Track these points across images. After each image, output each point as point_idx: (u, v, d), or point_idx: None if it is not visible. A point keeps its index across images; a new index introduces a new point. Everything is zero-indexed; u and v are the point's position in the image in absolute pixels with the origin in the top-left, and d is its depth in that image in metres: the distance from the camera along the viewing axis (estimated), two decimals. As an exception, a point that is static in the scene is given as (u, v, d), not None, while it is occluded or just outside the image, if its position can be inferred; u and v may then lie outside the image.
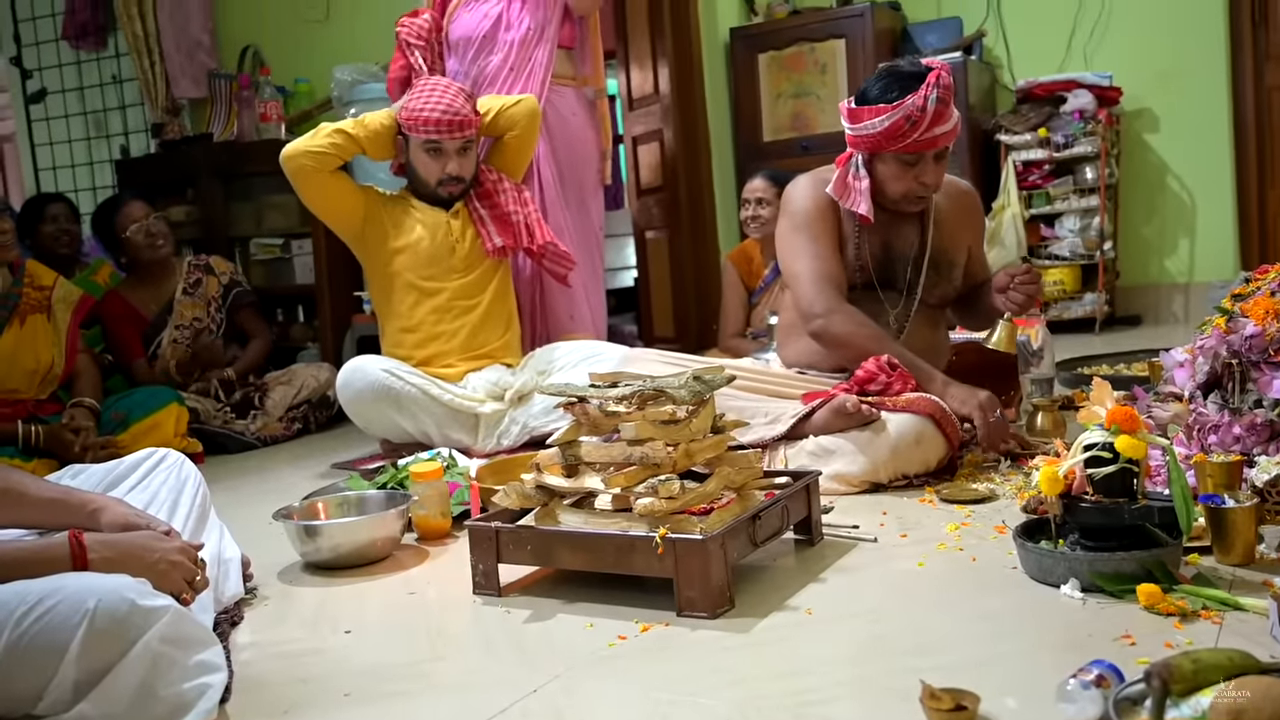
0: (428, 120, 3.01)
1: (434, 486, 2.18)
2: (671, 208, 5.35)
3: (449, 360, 3.06)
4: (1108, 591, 1.51)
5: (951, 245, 2.56)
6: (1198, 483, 1.78)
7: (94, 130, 5.00)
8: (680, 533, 1.61)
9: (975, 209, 2.69)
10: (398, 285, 3.10)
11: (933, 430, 2.22)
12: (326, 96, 4.18)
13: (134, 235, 3.66)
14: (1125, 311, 4.95)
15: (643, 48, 5.45)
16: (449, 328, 3.08)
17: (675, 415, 1.69)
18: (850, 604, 1.62)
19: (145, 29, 4.50)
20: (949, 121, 2.36)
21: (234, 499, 2.74)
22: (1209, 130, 4.85)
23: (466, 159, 3.11)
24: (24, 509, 1.56)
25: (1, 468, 1.64)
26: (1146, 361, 3.27)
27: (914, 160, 2.40)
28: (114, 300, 3.70)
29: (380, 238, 3.12)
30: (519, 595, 1.78)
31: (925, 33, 5.19)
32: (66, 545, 1.39)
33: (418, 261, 3.09)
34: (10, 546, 1.42)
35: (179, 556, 1.48)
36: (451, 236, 3.12)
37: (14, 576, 1.30)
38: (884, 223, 2.50)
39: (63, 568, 1.36)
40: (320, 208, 3.13)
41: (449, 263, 3.11)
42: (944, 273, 2.56)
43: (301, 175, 3.02)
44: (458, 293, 3.11)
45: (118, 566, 1.38)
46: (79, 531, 1.42)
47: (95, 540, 1.42)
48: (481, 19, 3.36)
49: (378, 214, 3.12)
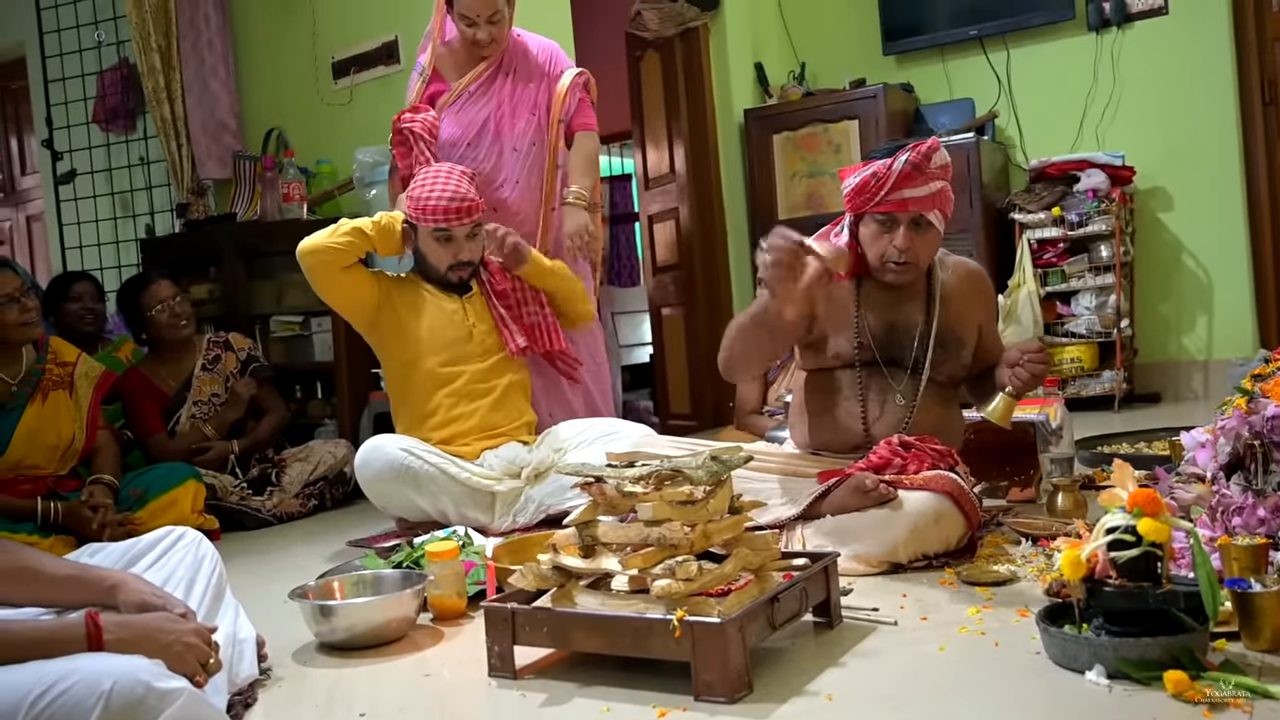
0: (435, 209, 3.02)
1: (449, 566, 2.17)
2: (687, 285, 5.39)
3: (466, 440, 3.06)
4: (1134, 678, 1.48)
5: (959, 323, 2.54)
6: (1223, 566, 1.75)
7: (121, 210, 5.09)
8: (698, 615, 1.59)
9: (985, 288, 2.67)
10: (414, 370, 3.10)
11: (951, 508, 2.20)
12: (348, 177, 4.25)
13: (158, 315, 3.70)
14: (1144, 389, 4.93)
15: (658, 128, 5.55)
16: (465, 410, 3.08)
17: (693, 496, 1.68)
18: (871, 689, 1.59)
19: (173, 112, 4.60)
20: (921, 188, 2.37)
21: (249, 577, 2.73)
22: (1223, 208, 4.87)
23: (475, 243, 3.12)
24: (41, 587, 1.56)
25: (18, 546, 1.64)
26: (1167, 440, 3.24)
27: (887, 222, 2.43)
28: (135, 376, 3.73)
29: (395, 324, 3.11)
30: (535, 678, 1.76)
31: (938, 114, 5.27)
32: (83, 625, 1.39)
33: (434, 347, 3.09)
34: (27, 626, 1.42)
35: (194, 639, 1.47)
36: (468, 323, 3.13)
37: (30, 656, 1.30)
38: (887, 300, 2.51)
39: (78, 648, 1.35)
40: (335, 299, 3.11)
41: (465, 349, 3.11)
42: (952, 351, 2.53)
43: (319, 269, 3.02)
44: (475, 377, 3.11)
45: (133, 648, 1.38)
46: (95, 612, 1.42)
47: (111, 621, 1.42)
48: (467, 126, 3.40)
49: (391, 300, 3.12)
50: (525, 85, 3.41)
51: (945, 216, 2.45)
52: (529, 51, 3.46)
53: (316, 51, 4.47)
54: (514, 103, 3.39)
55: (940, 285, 2.54)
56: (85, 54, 5.05)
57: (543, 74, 3.44)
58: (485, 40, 3.34)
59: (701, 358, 5.25)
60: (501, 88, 3.41)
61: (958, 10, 5.29)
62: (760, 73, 5.53)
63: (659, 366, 5.63)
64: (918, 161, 2.35)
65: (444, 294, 3.16)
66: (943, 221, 2.45)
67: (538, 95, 3.42)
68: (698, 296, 5.30)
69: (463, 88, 3.40)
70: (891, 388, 2.50)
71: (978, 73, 5.31)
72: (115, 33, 4.93)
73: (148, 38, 4.53)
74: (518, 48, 3.46)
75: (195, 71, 4.64)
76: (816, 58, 5.63)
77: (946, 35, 5.32)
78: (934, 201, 2.39)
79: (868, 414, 2.50)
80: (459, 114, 3.40)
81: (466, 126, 3.39)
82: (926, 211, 2.39)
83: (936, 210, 2.41)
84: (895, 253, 2.43)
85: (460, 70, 3.44)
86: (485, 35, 3.33)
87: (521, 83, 3.41)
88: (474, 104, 3.40)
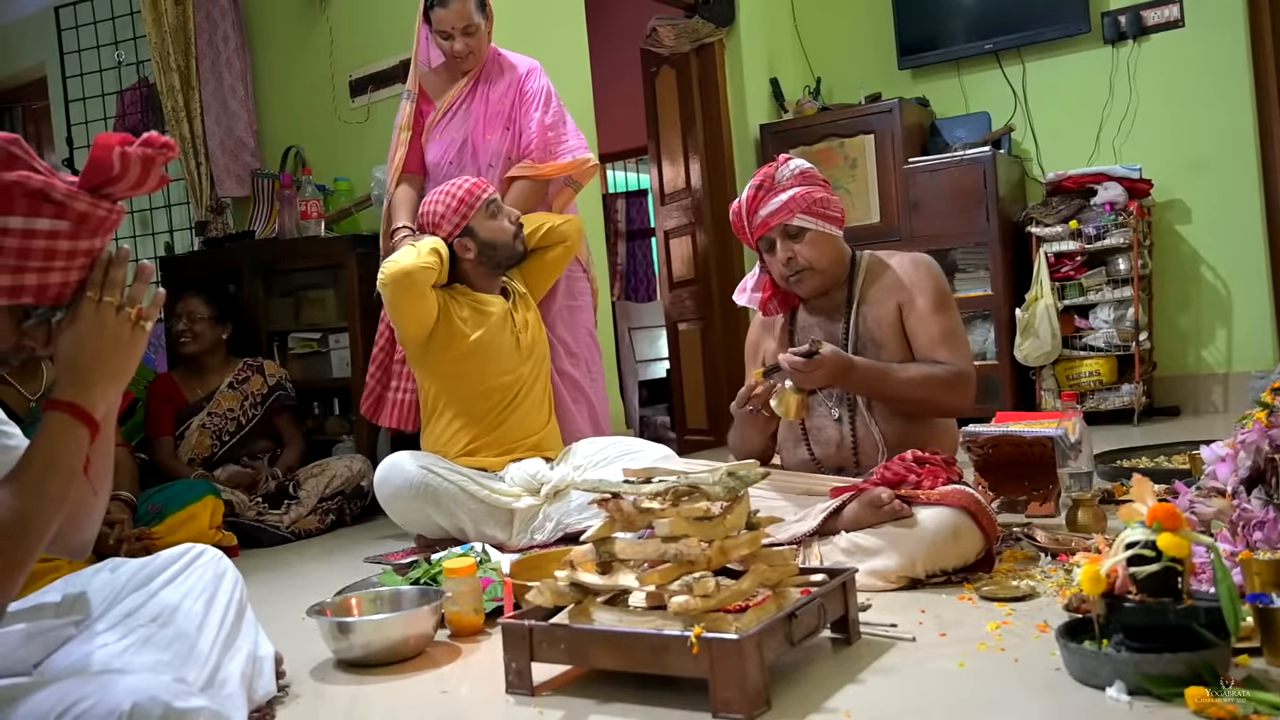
0: (467, 193, 3.08)
1: (467, 582, 2.17)
2: (704, 300, 5.40)
3: (494, 450, 3.07)
4: (1155, 695, 1.47)
5: (876, 325, 2.49)
6: (1244, 581, 1.74)
7: (140, 228, 5.13)
8: (715, 631, 1.59)
9: (906, 280, 2.49)
10: (461, 378, 3.09)
11: (969, 523, 2.19)
12: (366, 195, 4.27)
13: (173, 324, 3.87)
14: (1163, 402, 4.90)
15: (674, 143, 5.57)
16: (501, 417, 3.10)
17: (710, 512, 1.68)
18: (890, 706, 1.59)
19: (192, 131, 4.64)
20: (773, 202, 2.46)
21: (267, 594, 2.74)
22: (1242, 220, 4.85)
23: (475, 39, 3.28)
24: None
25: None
26: (1187, 454, 3.22)
27: (766, 244, 2.52)
28: (164, 380, 3.90)
29: (448, 334, 3.08)
30: (552, 695, 1.76)
31: (954, 127, 5.26)
32: (72, 421, 1.32)
33: (485, 353, 3.09)
34: (32, 452, 1.34)
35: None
36: (515, 327, 3.15)
37: (58, 473, 1.28)
38: (817, 321, 2.57)
39: (82, 435, 1.32)
40: (410, 320, 3.04)
41: (516, 354, 3.14)
42: (874, 356, 2.45)
43: (411, 293, 2.97)
44: (516, 381, 3.13)
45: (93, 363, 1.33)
46: (59, 401, 1.33)
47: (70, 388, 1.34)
48: (448, 145, 3.44)
49: (448, 311, 3.10)
50: (500, 100, 3.44)
51: (820, 215, 2.47)
52: (506, 67, 3.50)
53: (334, 70, 4.50)
54: (489, 118, 3.42)
55: (857, 291, 2.54)
56: (105, 74, 5.11)
57: (517, 89, 3.46)
58: (463, 52, 3.39)
59: (718, 373, 5.25)
60: (479, 104, 3.43)
61: (973, 24, 5.29)
62: (776, 88, 5.54)
63: (675, 381, 5.63)
64: (760, 183, 2.48)
65: (492, 299, 3.16)
66: (821, 220, 2.47)
67: (511, 110, 3.44)
68: (714, 311, 5.30)
69: (445, 106, 3.46)
70: (825, 405, 2.52)
71: (994, 86, 5.31)
72: (135, 53, 4.99)
73: (167, 57, 4.57)
74: (494, 65, 3.49)
75: (214, 91, 4.68)
76: (832, 72, 5.64)
77: (962, 49, 5.33)
78: (790, 207, 2.45)
79: (808, 435, 2.55)
80: (442, 135, 3.46)
81: (448, 146, 3.43)
82: (788, 220, 2.45)
83: (800, 213, 2.45)
84: (782, 266, 2.50)
85: (443, 90, 3.49)
86: (462, 47, 3.37)
87: (496, 97, 3.44)
88: (454, 122, 3.45)
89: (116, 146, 1.25)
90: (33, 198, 1.22)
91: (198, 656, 1.56)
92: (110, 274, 1.36)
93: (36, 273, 1.26)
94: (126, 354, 1.37)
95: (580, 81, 4.40)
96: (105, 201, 1.27)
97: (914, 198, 5.02)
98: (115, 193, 1.28)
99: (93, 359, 1.34)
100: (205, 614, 1.69)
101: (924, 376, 2.41)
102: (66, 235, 1.26)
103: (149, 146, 1.28)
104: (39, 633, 1.51)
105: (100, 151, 1.24)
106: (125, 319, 1.36)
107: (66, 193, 1.24)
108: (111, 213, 1.29)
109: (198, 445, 3.78)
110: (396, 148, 3.53)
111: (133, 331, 1.37)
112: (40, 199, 1.22)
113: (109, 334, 1.35)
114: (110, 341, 1.35)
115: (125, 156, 1.25)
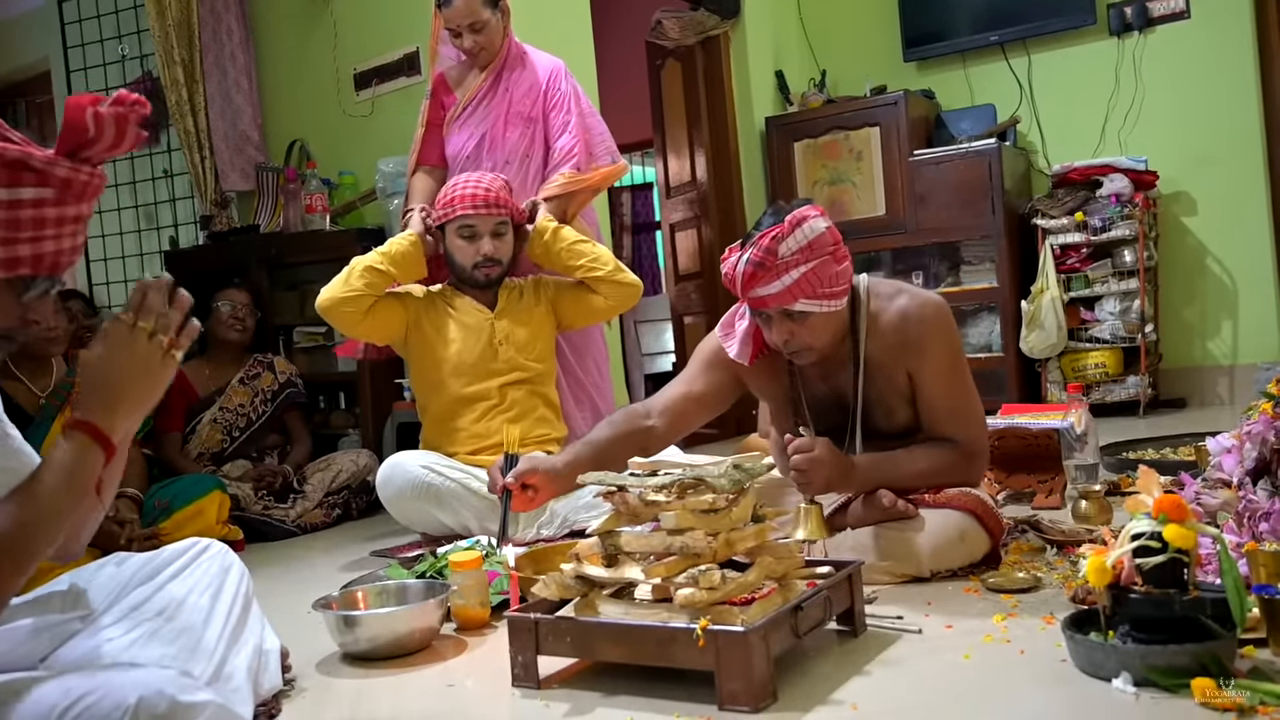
0: (458, 199, 3.05)
1: (473, 576, 2.17)
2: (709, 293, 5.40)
3: (493, 451, 3.06)
4: (1161, 686, 1.47)
5: (887, 388, 2.26)
6: (1250, 572, 1.74)
7: (145, 223, 5.14)
8: (722, 624, 1.59)
9: (915, 337, 2.23)
10: (440, 388, 3.10)
11: (975, 526, 2.18)
12: (370, 188, 4.27)
13: (222, 308, 3.87)
14: (1169, 394, 4.90)
15: (679, 136, 5.56)
16: (490, 425, 3.08)
17: (715, 504, 1.68)
18: (896, 698, 1.59)
19: (197, 125, 4.64)
20: (774, 284, 2.09)
21: (273, 587, 2.74)
22: (1247, 212, 4.84)
23: (502, 243, 3.12)
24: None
25: None
26: (1192, 446, 3.22)
27: (762, 316, 2.19)
28: (177, 373, 3.80)
29: (423, 343, 3.11)
30: (558, 688, 1.76)
31: (959, 120, 5.26)
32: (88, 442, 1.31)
33: (461, 368, 3.09)
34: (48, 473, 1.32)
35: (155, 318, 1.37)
36: (495, 339, 3.12)
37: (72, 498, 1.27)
38: (820, 370, 2.31)
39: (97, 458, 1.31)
40: (365, 334, 3.13)
41: (492, 366, 3.10)
42: (884, 417, 2.29)
43: (342, 321, 3.05)
44: (500, 394, 3.10)
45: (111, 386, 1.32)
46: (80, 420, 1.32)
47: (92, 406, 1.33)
48: (467, 139, 3.42)
49: (420, 324, 3.11)
50: (523, 98, 3.42)
51: (825, 296, 2.13)
52: (529, 66, 3.47)
53: (338, 64, 4.50)
54: (510, 115, 3.41)
55: (862, 348, 2.26)
56: (109, 68, 5.12)
57: (539, 90, 3.43)
58: (473, 49, 3.36)
59: (723, 366, 5.24)
60: (499, 102, 3.42)
61: (979, 16, 5.28)
62: (781, 80, 5.53)
63: (680, 375, 5.63)
64: (760, 259, 2.07)
65: (474, 309, 3.15)
66: (826, 300, 2.13)
67: (532, 110, 3.42)
68: (720, 304, 5.29)
69: (465, 101, 3.44)
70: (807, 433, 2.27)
71: (999, 78, 5.30)
72: (139, 47, 4.99)
73: (171, 51, 4.58)
74: (517, 61, 3.47)
75: (218, 84, 4.69)
76: (837, 65, 5.63)
77: (968, 41, 5.32)
78: (793, 293, 2.10)
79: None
80: (462, 128, 3.44)
81: (467, 140, 3.41)
82: (788, 305, 2.12)
83: (803, 298, 2.11)
84: (779, 343, 2.20)
85: (463, 83, 3.47)
86: (471, 44, 3.35)
87: (519, 95, 3.42)
88: (474, 117, 3.43)
89: (89, 107, 1.24)
90: (11, 168, 1.22)
91: (204, 650, 1.56)
92: (148, 299, 1.35)
93: (29, 243, 1.26)
94: (153, 381, 1.37)
95: (586, 75, 4.39)
96: (86, 166, 1.27)
97: (919, 190, 5.01)
98: (94, 156, 1.27)
99: (119, 382, 1.34)
100: (211, 608, 1.69)
101: (932, 468, 2.24)
102: (52, 203, 1.26)
103: (120, 105, 1.27)
104: (45, 627, 1.51)
105: (73, 114, 1.24)
106: (157, 346, 1.36)
107: (45, 159, 1.23)
108: (94, 177, 1.29)
109: (208, 440, 3.79)
110: (414, 143, 3.53)
111: (162, 360, 1.37)
112: (20, 168, 1.22)
113: (139, 359, 1.35)
114: (140, 366, 1.35)
115: (99, 116, 1.25)
